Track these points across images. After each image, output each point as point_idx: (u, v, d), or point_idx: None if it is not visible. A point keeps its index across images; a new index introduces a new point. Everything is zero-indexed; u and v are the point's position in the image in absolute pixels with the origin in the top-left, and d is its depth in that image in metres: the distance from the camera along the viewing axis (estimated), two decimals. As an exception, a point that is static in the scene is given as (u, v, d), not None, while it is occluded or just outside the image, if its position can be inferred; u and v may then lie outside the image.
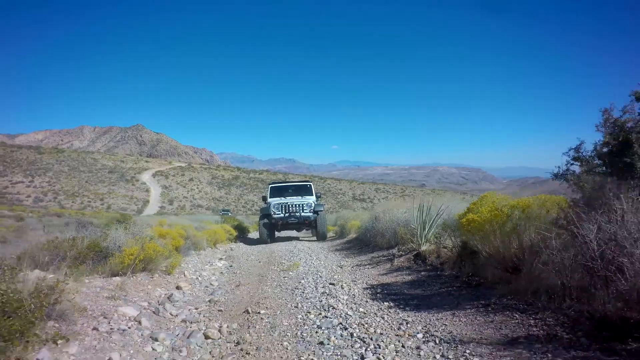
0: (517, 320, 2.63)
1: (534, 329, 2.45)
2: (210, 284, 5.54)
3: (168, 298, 4.45)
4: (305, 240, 12.44)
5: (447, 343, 2.45)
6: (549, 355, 2.07)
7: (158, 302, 4.25)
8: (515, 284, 3.25)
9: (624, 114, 3.04)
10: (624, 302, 2.23)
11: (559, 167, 4.17)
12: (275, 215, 12.70)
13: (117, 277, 4.81)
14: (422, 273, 4.57)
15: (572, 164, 4.05)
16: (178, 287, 5.15)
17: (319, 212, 12.94)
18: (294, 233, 15.29)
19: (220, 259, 8.44)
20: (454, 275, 4.19)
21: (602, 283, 2.39)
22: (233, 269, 6.77)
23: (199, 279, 5.85)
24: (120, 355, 2.59)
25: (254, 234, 16.74)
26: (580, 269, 2.55)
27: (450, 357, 2.24)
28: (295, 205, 12.83)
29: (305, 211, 12.79)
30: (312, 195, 13.98)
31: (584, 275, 2.52)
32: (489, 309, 2.97)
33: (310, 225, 13.25)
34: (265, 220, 12.75)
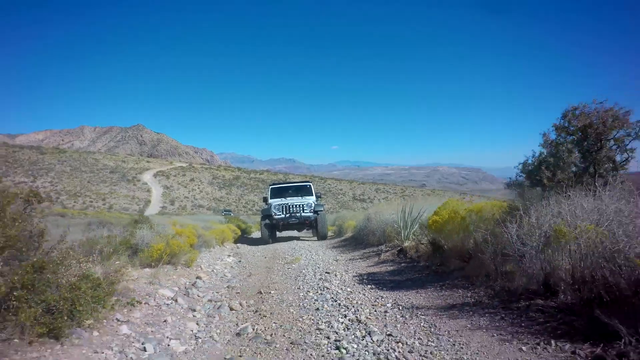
0: (459, 294, 3.64)
1: (468, 299, 3.46)
2: (225, 275, 6.53)
3: (192, 285, 5.45)
4: (306, 240, 13.11)
5: (407, 309, 3.45)
6: (471, 313, 3.08)
7: (185, 287, 5.24)
8: (467, 270, 4.26)
9: (544, 143, 4.01)
10: (527, 279, 3.23)
11: (510, 178, 5.19)
12: (276, 216, 12.85)
13: (147, 269, 5.80)
14: (402, 265, 5.58)
15: (520, 176, 5.06)
16: (198, 277, 6.14)
17: (319, 212, 13.09)
18: (294, 233, 15.58)
19: (229, 255, 9.42)
20: (426, 265, 5.19)
21: (516, 266, 3.39)
22: (242, 263, 7.76)
23: (214, 271, 6.84)
24: (172, 319, 3.59)
25: (255, 234, 17.52)
26: (504, 257, 3.55)
27: (406, 316, 3.24)
28: (296, 205, 12.95)
29: (305, 211, 12.90)
30: (312, 195, 14.13)
31: (505, 261, 3.53)
32: (443, 287, 3.98)
33: (311, 225, 13.36)
34: (267, 221, 12.95)
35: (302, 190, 14.40)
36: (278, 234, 14.01)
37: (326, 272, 5.39)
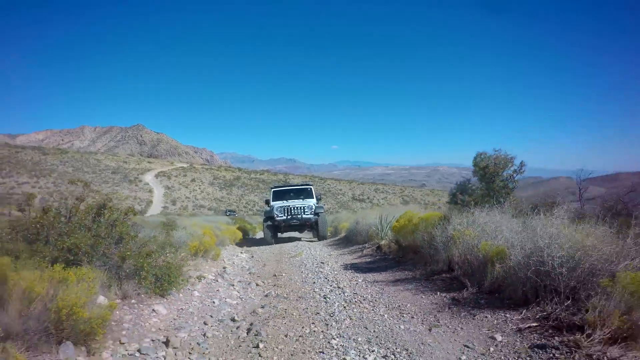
0: (404, 274, 5.74)
1: (408, 276, 5.55)
2: (244, 266, 8.60)
3: (223, 271, 7.52)
4: (306, 240, 14.41)
5: (370, 282, 5.53)
6: (406, 283, 5.16)
7: (219, 273, 7.31)
8: (415, 260, 6.35)
9: (473, 169, 6.09)
10: (442, 263, 5.31)
11: (450, 195, 7.28)
12: (278, 218, 13.35)
13: (189, 261, 7.88)
14: (377, 257, 7.67)
15: (458, 192, 7.14)
16: (224, 267, 8.21)
17: (319, 214, 13.61)
18: (296, 234, 16.25)
19: (241, 252, 11.47)
20: (393, 257, 7.27)
21: (439, 256, 5.47)
22: (255, 258, 9.81)
23: (234, 263, 8.91)
24: (221, 289, 5.65)
25: (258, 235, 18.79)
26: (435, 249, 5.64)
27: (369, 285, 5.33)
28: (297, 207, 13.40)
29: (306, 213, 13.36)
30: (312, 197, 14.53)
31: (436, 252, 5.61)
32: (397, 270, 6.07)
33: (312, 226, 13.93)
34: (269, 223, 13.50)
35: (303, 193, 14.76)
36: (280, 235, 14.60)
37: (321, 262, 7.48)
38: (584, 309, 2.78)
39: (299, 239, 14.60)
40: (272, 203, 14.27)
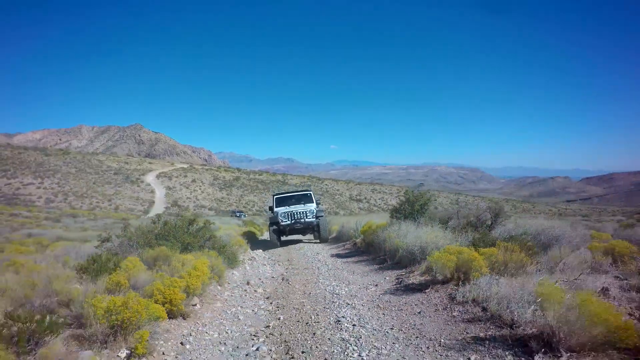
0: (364, 259, 10.17)
1: (365, 259, 10.01)
2: (264, 257, 12.95)
3: (253, 259, 11.90)
4: (307, 241, 17.19)
5: (343, 262, 9.96)
6: (364, 263, 9.60)
7: (251, 260, 11.69)
8: (371, 250, 10.78)
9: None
10: (384, 252, 9.73)
11: (391, 212, 11.70)
12: (283, 223, 14.80)
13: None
14: (353, 250, 12.08)
15: (394, 211, 11.55)
16: (252, 257, 12.60)
17: (320, 218, 15.01)
18: (298, 236, 17.61)
19: (256, 250, 15.82)
20: (362, 250, 11.68)
21: (381, 247, 9.89)
22: (270, 252, 14.15)
23: (258, 256, 13.27)
24: (261, 267, 10.02)
25: (262, 237, 20.97)
26: (379, 244, 10.07)
27: (342, 263, 9.74)
28: (300, 212, 14.80)
29: (308, 217, 14.74)
30: (312, 202, 15.85)
31: (379, 245, 10.04)
32: (360, 256, 10.52)
33: (314, 229, 15.33)
34: (275, 227, 14.96)
35: (304, 198, 16.14)
36: (284, 238, 16.11)
37: (317, 253, 11.89)
38: (420, 265, 7.18)
39: (301, 241, 16.45)
40: (275, 209, 15.62)
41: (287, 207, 15.40)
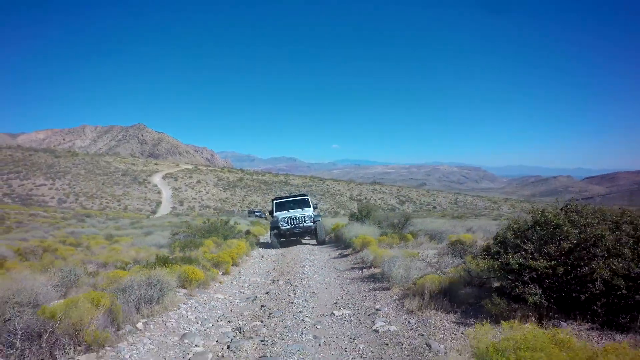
0: (333, 247, 16.49)
1: (333, 246, 16.36)
2: (270, 254, 19.23)
3: (263, 256, 18.24)
4: (305, 243, 18.53)
5: (319, 247, 16.30)
6: (334, 248, 15.96)
7: (260, 255, 17.99)
8: (338, 242, 17.12)
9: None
10: (344, 243, 16.08)
11: (349, 216, 18.08)
12: (283, 227, 16.25)
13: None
14: (330, 242, 18.45)
15: (351, 215, 17.89)
16: (262, 256, 18.92)
17: (317, 222, 16.35)
18: (297, 239, 19.09)
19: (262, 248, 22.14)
20: (334, 241, 18.01)
21: (343, 239, 16.25)
22: (273, 251, 20.34)
23: (265, 253, 19.61)
24: (268, 257, 16.32)
25: (262, 238, 21.96)
26: (342, 237, 16.42)
27: (318, 248, 16.08)
28: (299, 217, 16.26)
29: (307, 222, 16.16)
30: (309, 207, 17.42)
31: (341, 238, 16.40)
32: (330, 245, 16.86)
33: (312, 232, 16.67)
34: (275, 231, 16.42)
35: (301, 203, 17.77)
36: (284, 240, 17.64)
37: (304, 243, 18.28)
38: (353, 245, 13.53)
39: (300, 242, 18.06)
40: (275, 214, 17.25)
41: (286, 211, 17.07)
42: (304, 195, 18.29)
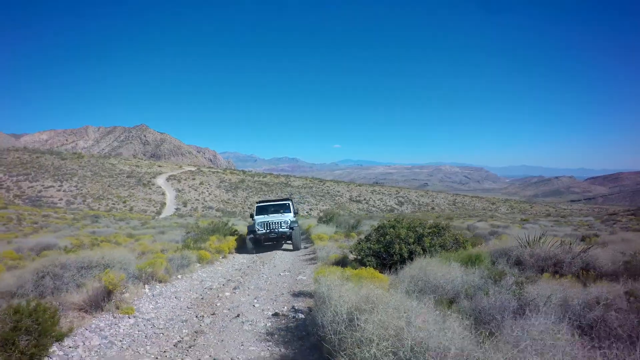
0: (305, 243, 22.20)
1: (306, 244, 22.06)
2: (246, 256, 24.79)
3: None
4: (282, 250, 19.01)
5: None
6: (303, 245, 21.66)
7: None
8: (308, 239, 22.80)
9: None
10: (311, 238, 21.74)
11: (318, 220, 23.79)
12: (259, 232, 16.51)
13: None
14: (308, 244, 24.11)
15: (320, 219, 23.56)
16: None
17: (293, 228, 16.59)
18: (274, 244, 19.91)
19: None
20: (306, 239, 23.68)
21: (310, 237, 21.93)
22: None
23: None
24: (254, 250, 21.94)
25: None
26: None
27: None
28: (275, 222, 16.55)
29: (282, 227, 16.53)
30: (290, 212, 17.80)
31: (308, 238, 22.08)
32: (304, 244, 22.56)
33: (288, 238, 17.21)
34: (252, 236, 16.73)
35: (282, 207, 18.25)
36: (261, 245, 18.11)
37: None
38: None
39: (279, 248, 18.61)
40: (255, 217, 17.42)
41: (265, 215, 17.48)
42: (286, 200, 19.33)
